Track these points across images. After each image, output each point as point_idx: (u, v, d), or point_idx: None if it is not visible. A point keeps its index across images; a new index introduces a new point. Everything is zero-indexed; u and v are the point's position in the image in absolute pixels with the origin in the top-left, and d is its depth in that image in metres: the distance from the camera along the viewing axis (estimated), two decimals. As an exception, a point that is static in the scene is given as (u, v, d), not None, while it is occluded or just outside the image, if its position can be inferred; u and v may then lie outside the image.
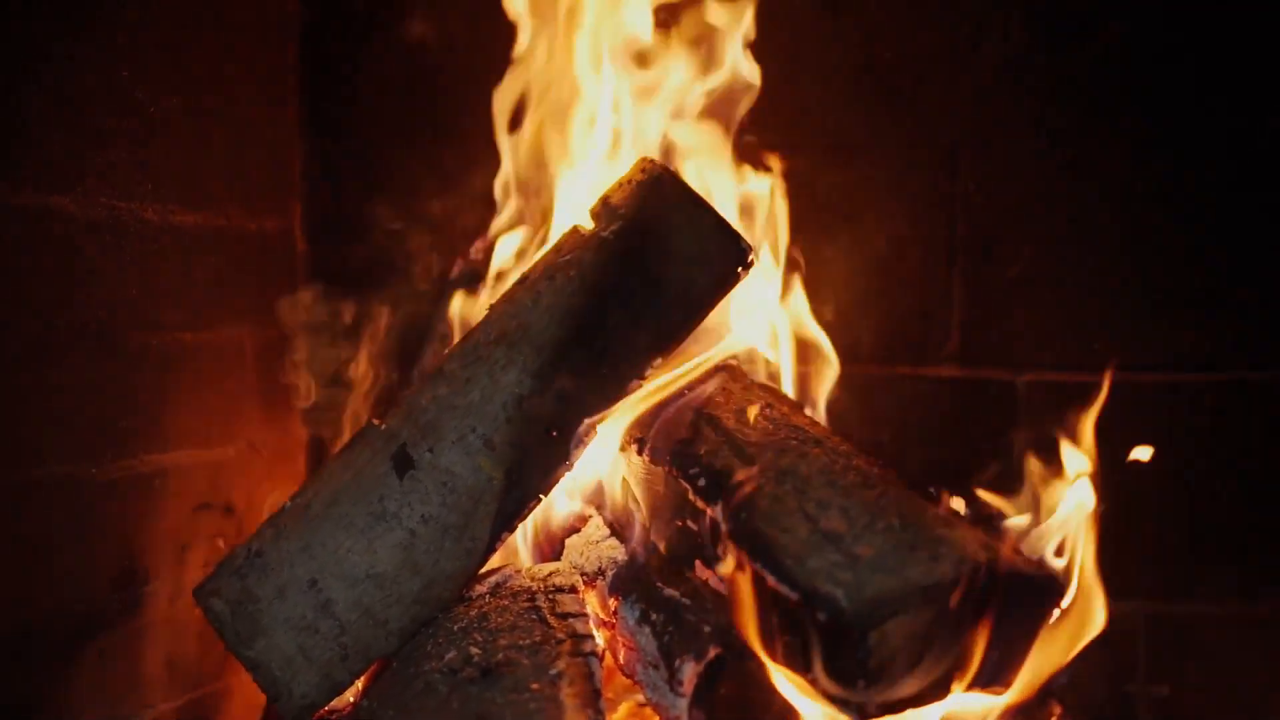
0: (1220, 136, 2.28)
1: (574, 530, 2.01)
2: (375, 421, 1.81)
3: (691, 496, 1.77)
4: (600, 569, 1.89)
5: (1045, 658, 1.66)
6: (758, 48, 2.19)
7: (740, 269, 1.84)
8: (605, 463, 2.02)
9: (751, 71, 2.16)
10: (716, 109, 2.18)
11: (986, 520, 1.83)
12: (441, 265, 2.34)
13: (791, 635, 1.58)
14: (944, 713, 1.70)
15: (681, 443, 1.82)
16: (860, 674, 1.49)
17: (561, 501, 2.05)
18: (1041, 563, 1.68)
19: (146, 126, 2.02)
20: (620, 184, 1.87)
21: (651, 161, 1.86)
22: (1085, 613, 1.72)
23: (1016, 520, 1.80)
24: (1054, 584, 1.64)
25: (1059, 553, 1.73)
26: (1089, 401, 1.93)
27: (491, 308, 1.86)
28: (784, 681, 1.63)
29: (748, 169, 2.17)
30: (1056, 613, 1.67)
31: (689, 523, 1.80)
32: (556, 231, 2.02)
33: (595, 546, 1.93)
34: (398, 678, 1.67)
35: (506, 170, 2.23)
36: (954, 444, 1.97)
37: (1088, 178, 2.33)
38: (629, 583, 1.84)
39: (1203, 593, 2.31)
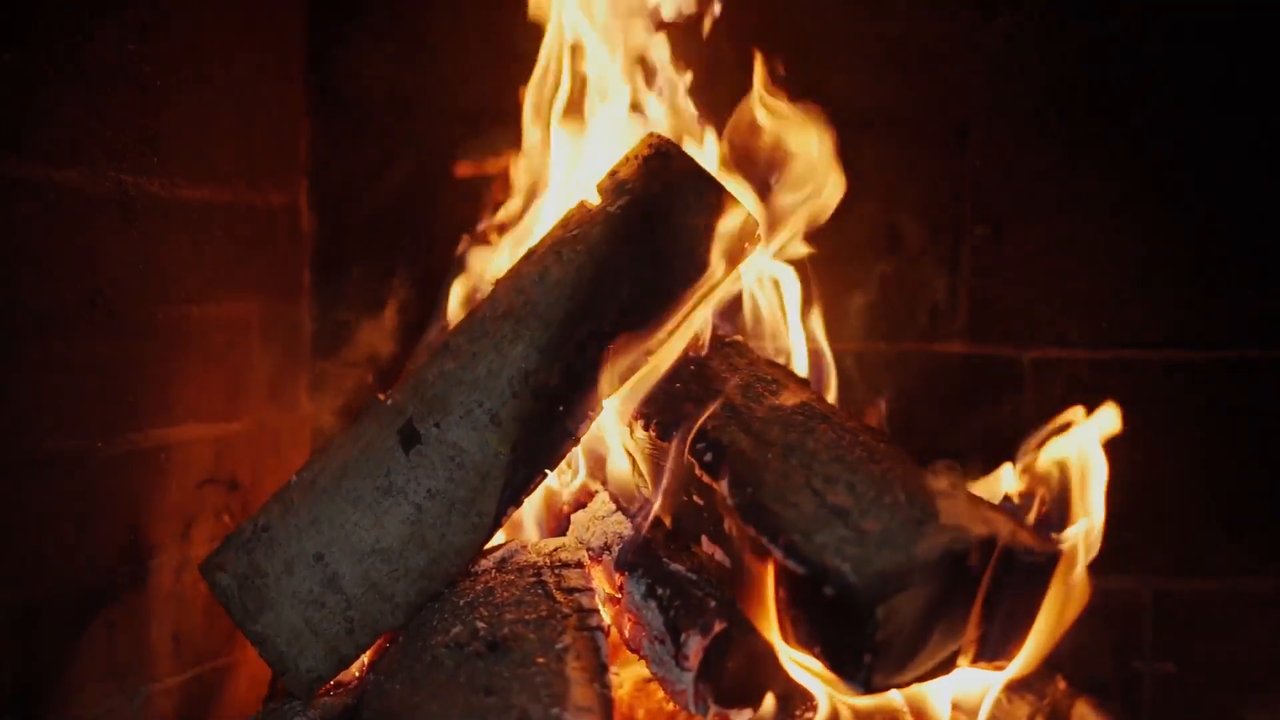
0: (1229, 115, 2.28)
1: (580, 505, 2.01)
2: (381, 396, 1.81)
3: (697, 472, 1.77)
4: (606, 544, 1.89)
5: (1046, 630, 1.66)
6: (767, 24, 2.19)
7: (747, 244, 1.83)
8: (612, 438, 2.02)
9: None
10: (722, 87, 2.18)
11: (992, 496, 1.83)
12: (448, 241, 2.34)
13: (797, 610, 1.58)
14: (948, 688, 1.71)
15: (688, 418, 1.82)
16: (866, 648, 1.49)
17: (568, 477, 2.05)
18: (1046, 537, 1.67)
19: (153, 101, 2.02)
20: (627, 159, 1.86)
21: (658, 136, 1.86)
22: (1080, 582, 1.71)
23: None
24: (1058, 558, 1.63)
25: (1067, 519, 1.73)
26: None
27: (498, 283, 1.85)
28: (790, 656, 1.63)
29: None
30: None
31: (695, 498, 1.80)
32: (564, 207, 2.01)
33: (601, 522, 1.93)
34: (404, 652, 1.68)
35: (523, 146, 2.23)
36: (961, 420, 1.97)
37: (1097, 155, 2.32)
38: (635, 558, 1.84)
39: (1209, 569, 2.32)
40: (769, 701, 1.71)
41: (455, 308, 2.21)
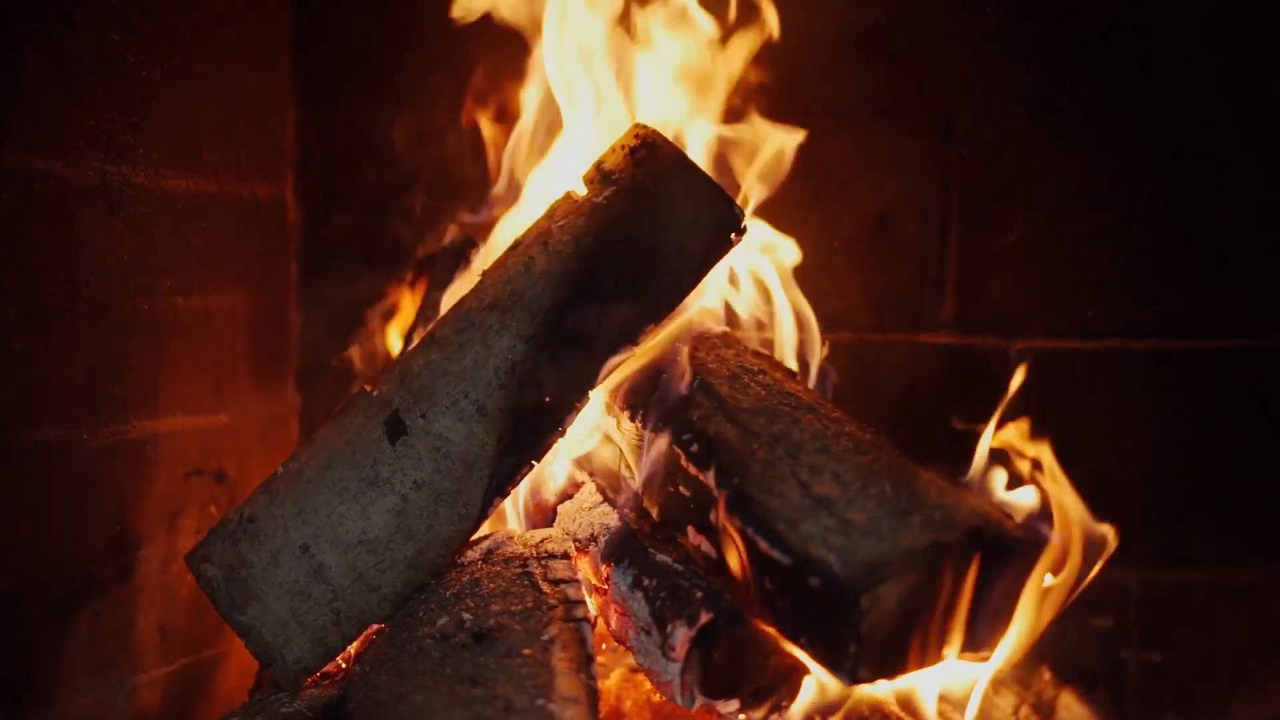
0: (1216, 103, 2.28)
1: (566, 497, 2.01)
2: (367, 387, 1.81)
3: (684, 462, 1.77)
4: (593, 535, 1.89)
5: (1032, 619, 1.66)
6: (752, 13, 2.18)
7: (733, 235, 1.83)
8: (598, 429, 2.02)
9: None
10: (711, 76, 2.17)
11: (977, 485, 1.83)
12: (435, 232, 2.34)
13: (783, 600, 1.58)
14: (935, 679, 1.71)
15: (674, 408, 1.82)
16: (852, 639, 1.50)
17: (554, 467, 2.05)
18: (1031, 526, 1.67)
19: (138, 91, 2.01)
20: (614, 149, 1.86)
21: (645, 127, 1.85)
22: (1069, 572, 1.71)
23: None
24: (1045, 547, 1.64)
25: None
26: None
27: (485, 274, 1.85)
28: (776, 646, 1.63)
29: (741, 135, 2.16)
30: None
31: (682, 489, 1.80)
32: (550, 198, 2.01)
33: (588, 513, 1.93)
34: (390, 643, 1.68)
35: (510, 136, 2.22)
36: (947, 411, 1.97)
37: (1082, 145, 2.32)
38: (621, 549, 1.84)
39: (1194, 560, 2.32)
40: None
41: (442, 299, 2.21)
